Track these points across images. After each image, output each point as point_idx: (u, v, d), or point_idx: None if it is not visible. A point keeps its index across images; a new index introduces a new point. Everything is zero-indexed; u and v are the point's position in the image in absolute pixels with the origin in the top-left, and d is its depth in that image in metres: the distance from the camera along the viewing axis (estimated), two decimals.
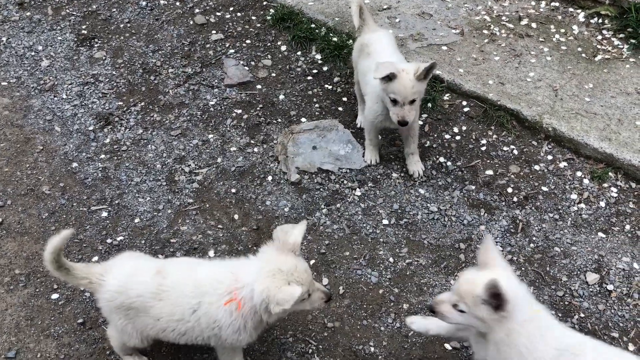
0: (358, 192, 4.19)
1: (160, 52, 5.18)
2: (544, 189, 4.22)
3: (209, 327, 2.83)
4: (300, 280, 2.68)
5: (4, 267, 3.78)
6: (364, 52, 4.17)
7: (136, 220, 4.03)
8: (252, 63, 5.10)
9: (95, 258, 3.82)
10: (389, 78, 3.71)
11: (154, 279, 2.87)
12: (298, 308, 2.79)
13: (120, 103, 4.78)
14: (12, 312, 3.57)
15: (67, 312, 3.58)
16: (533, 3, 5.53)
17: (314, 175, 4.28)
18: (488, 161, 4.39)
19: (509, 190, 4.20)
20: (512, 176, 4.29)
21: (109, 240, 3.91)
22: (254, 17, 5.50)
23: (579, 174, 4.29)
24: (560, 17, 5.38)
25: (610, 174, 4.26)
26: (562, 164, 4.35)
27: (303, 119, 4.66)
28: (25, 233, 3.95)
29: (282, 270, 2.67)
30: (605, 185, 4.22)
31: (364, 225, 4.00)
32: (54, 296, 3.64)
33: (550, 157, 4.39)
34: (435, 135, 4.54)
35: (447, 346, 3.44)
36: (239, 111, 4.73)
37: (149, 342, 3.06)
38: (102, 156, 4.41)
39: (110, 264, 3.03)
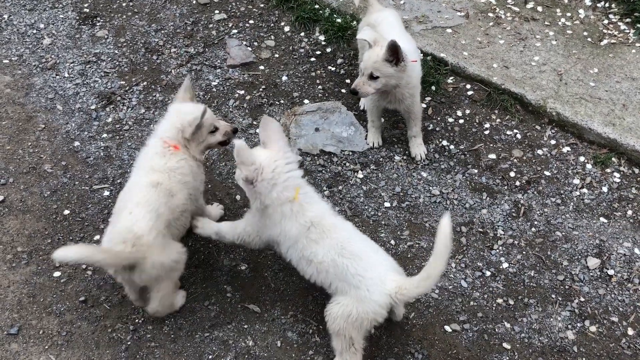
0: (360, 175, 4.18)
1: (162, 31, 5.15)
2: (547, 173, 4.21)
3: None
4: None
5: (6, 244, 3.79)
6: None
7: None
8: (255, 44, 5.06)
9: (97, 237, 3.83)
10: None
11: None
12: (211, 141, 3.45)
13: (123, 82, 4.76)
14: (14, 289, 3.59)
15: (69, 290, 3.59)
16: None
17: (316, 157, 4.27)
18: (491, 145, 4.37)
19: (512, 174, 4.20)
20: (515, 160, 4.28)
21: (110, 219, 3.91)
22: None
23: (582, 159, 4.28)
24: (566, 1, 5.33)
25: (613, 159, 4.24)
26: (565, 149, 4.34)
27: (306, 101, 4.64)
28: (27, 211, 3.95)
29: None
30: (608, 170, 4.21)
31: (366, 207, 4.00)
32: (56, 274, 3.66)
33: (553, 142, 4.38)
34: (439, 119, 4.52)
35: (447, 328, 3.47)
36: (242, 92, 4.71)
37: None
38: (104, 135, 4.40)
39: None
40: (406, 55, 3.74)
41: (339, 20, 5.13)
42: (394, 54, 3.68)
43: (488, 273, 3.71)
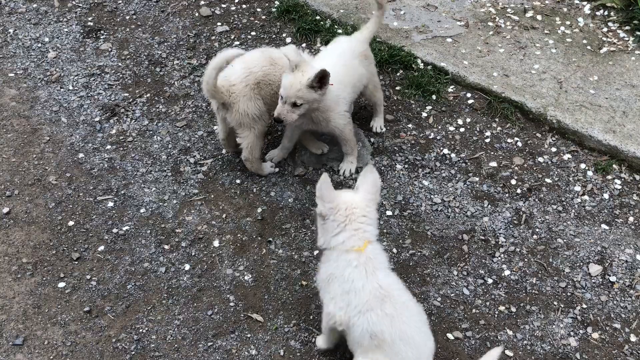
0: None
1: (165, 43, 5.21)
2: (548, 180, 4.23)
3: None
4: None
5: (12, 255, 3.82)
6: None
7: (142, 210, 4.07)
8: None
9: (101, 248, 3.86)
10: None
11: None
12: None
13: (126, 94, 4.81)
14: (19, 300, 3.62)
15: (73, 301, 3.62)
16: None
17: (318, 167, 4.30)
18: (492, 153, 4.40)
19: (513, 182, 4.21)
20: (516, 168, 4.30)
21: (114, 230, 3.95)
22: (259, 9, 5.50)
23: (582, 166, 4.30)
24: (565, 9, 5.37)
25: (614, 166, 4.26)
26: (566, 156, 4.35)
27: None
28: (32, 222, 3.99)
29: None
30: (609, 177, 4.22)
31: None
32: (61, 285, 3.69)
33: (554, 149, 4.40)
34: (439, 127, 4.55)
35: (450, 336, 3.47)
36: None
37: None
38: (108, 147, 4.45)
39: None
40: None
41: (340, 31, 5.17)
42: (322, 81, 3.57)
43: (490, 280, 3.72)
